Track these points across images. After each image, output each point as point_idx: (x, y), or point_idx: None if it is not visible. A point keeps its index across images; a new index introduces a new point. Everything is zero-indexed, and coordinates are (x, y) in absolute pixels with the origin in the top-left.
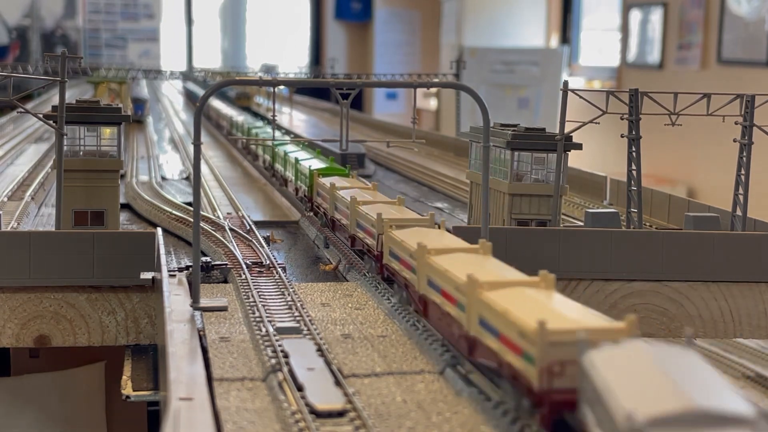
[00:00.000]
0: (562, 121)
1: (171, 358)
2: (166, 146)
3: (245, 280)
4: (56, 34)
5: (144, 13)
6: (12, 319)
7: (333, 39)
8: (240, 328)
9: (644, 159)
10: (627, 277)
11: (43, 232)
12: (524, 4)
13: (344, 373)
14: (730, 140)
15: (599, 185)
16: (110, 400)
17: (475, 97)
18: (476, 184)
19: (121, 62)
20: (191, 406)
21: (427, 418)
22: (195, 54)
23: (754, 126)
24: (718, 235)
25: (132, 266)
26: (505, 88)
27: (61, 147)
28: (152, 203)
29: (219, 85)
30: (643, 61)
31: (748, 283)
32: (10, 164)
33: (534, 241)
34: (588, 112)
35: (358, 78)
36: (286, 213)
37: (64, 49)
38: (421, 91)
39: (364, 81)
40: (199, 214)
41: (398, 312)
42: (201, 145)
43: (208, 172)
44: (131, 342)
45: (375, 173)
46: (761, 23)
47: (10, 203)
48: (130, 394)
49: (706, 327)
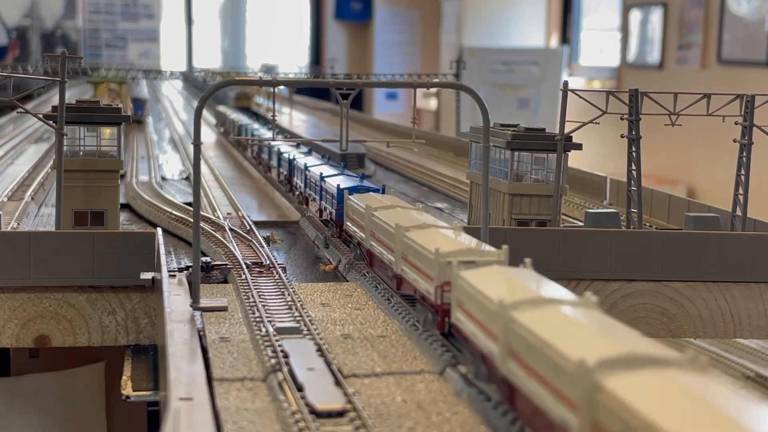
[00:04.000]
0: (562, 121)
1: (171, 358)
2: (166, 146)
3: (245, 280)
4: (56, 34)
5: (144, 13)
6: (12, 319)
7: (333, 39)
8: (240, 328)
9: (644, 159)
10: (627, 277)
11: (43, 232)
12: (524, 4)
13: (344, 373)
14: (730, 140)
15: (599, 185)
16: (110, 400)
17: (475, 97)
18: (476, 184)
19: (121, 62)
20: (191, 406)
21: (427, 418)
22: (195, 54)
23: (754, 126)
24: (718, 235)
25: (132, 266)
26: (505, 88)
27: (61, 147)
28: (152, 203)
29: (219, 85)
30: (643, 61)
31: (748, 283)
32: (10, 164)
33: (534, 241)
34: (588, 112)
35: (358, 78)
36: (286, 213)
37: (64, 49)
38: (421, 91)
39: (364, 81)
40: (199, 214)
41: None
42: (201, 145)
43: (208, 172)
44: (131, 342)
45: (375, 173)
46: (761, 23)
47: (10, 203)
48: (130, 394)
49: (706, 327)
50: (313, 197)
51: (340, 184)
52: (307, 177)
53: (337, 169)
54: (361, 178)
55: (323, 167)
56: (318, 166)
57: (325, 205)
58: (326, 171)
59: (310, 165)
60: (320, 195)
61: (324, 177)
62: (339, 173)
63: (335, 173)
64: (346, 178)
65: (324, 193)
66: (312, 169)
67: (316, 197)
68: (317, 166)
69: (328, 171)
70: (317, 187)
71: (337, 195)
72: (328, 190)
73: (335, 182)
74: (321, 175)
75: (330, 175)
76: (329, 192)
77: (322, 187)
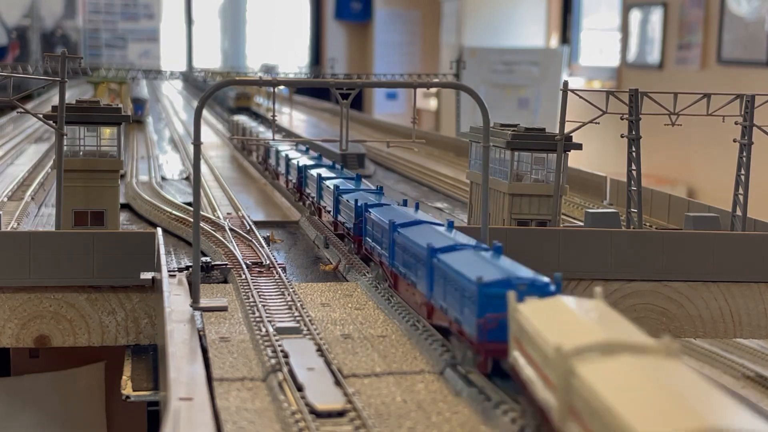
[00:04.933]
0: (562, 121)
1: (171, 358)
2: (166, 146)
3: (245, 280)
4: (56, 34)
5: (144, 13)
6: (12, 319)
7: (333, 39)
8: (240, 328)
9: (644, 159)
10: (627, 277)
11: (43, 232)
12: (524, 4)
13: (344, 373)
14: (730, 140)
15: (599, 185)
16: (110, 400)
17: (475, 97)
18: (476, 184)
19: (121, 62)
20: (191, 406)
21: (427, 418)
22: (195, 54)
23: (754, 126)
24: (718, 235)
25: (132, 266)
26: (505, 88)
27: (61, 147)
28: (152, 203)
29: (219, 85)
30: (643, 61)
31: (748, 283)
32: (10, 164)
33: (534, 241)
34: (588, 112)
35: (358, 78)
36: (286, 213)
37: (64, 49)
38: (421, 91)
39: (364, 81)
40: (199, 214)
41: (398, 312)
42: (201, 145)
43: (208, 172)
44: (131, 342)
45: (375, 173)
46: (761, 23)
47: (10, 203)
48: (130, 394)
49: (706, 327)
50: (328, 209)
51: (358, 200)
52: (321, 188)
53: (352, 181)
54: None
55: (338, 178)
56: (333, 178)
57: (342, 218)
58: (343, 184)
59: (325, 176)
60: (336, 208)
61: (341, 191)
62: (356, 188)
63: (352, 188)
64: (365, 193)
65: (339, 205)
66: (327, 182)
67: (330, 209)
68: (332, 179)
69: (346, 185)
70: (333, 199)
71: (356, 210)
72: (345, 203)
73: (353, 198)
74: (337, 188)
75: (348, 190)
76: (347, 206)
77: (338, 200)
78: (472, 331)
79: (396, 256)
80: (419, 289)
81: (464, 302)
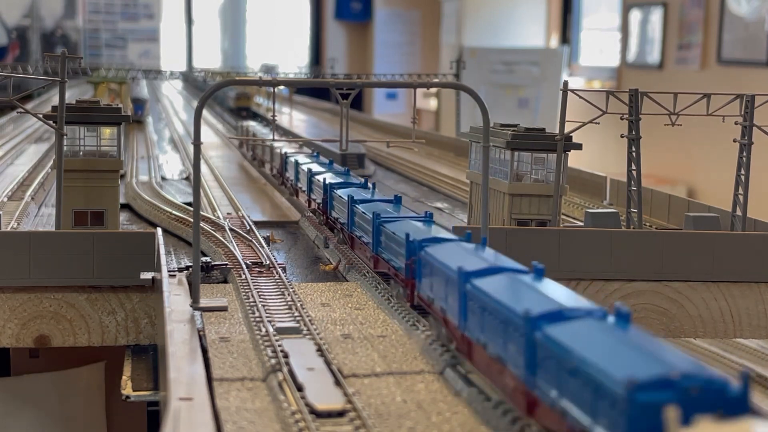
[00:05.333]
0: (562, 121)
1: (171, 358)
2: (166, 146)
3: (245, 280)
4: (56, 34)
5: (144, 13)
6: (12, 319)
7: (333, 39)
8: (240, 328)
9: (644, 159)
10: (627, 277)
11: (43, 232)
12: (524, 4)
13: (344, 373)
14: (730, 140)
15: (599, 185)
16: (110, 400)
17: (475, 97)
18: (476, 184)
19: (121, 62)
20: (191, 406)
21: (427, 418)
22: (195, 54)
23: (753, 126)
24: (718, 235)
25: (132, 266)
26: (505, 88)
27: (61, 147)
28: (152, 203)
29: (219, 85)
30: (643, 61)
31: (748, 283)
32: (10, 164)
33: (534, 241)
34: (588, 112)
35: (358, 78)
36: (286, 213)
37: (64, 49)
38: (421, 91)
39: (364, 81)
40: (199, 214)
41: (398, 312)
42: (201, 145)
43: (208, 172)
44: (131, 342)
45: (375, 173)
46: (761, 23)
47: (10, 203)
48: (130, 394)
49: (706, 327)
50: (365, 240)
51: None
52: (354, 213)
53: (391, 205)
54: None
55: (374, 202)
56: (367, 202)
57: (386, 255)
58: (384, 212)
59: (358, 199)
60: (376, 240)
61: (383, 220)
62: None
63: (393, 215)
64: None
65: (381, 236)
66: (361, 206)
67: (368, 241)
68: (366, 202)
69: (387, 211)
70: (372, 229)
71: (408, 247)
72: (391, 236)
73: (401, 230)
74: (377, 216)
75: (390, 219)
76: (393, 240)
77: (379, 230)
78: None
79: (470, 318)
80: (512, 371)
81: (599, 406)
